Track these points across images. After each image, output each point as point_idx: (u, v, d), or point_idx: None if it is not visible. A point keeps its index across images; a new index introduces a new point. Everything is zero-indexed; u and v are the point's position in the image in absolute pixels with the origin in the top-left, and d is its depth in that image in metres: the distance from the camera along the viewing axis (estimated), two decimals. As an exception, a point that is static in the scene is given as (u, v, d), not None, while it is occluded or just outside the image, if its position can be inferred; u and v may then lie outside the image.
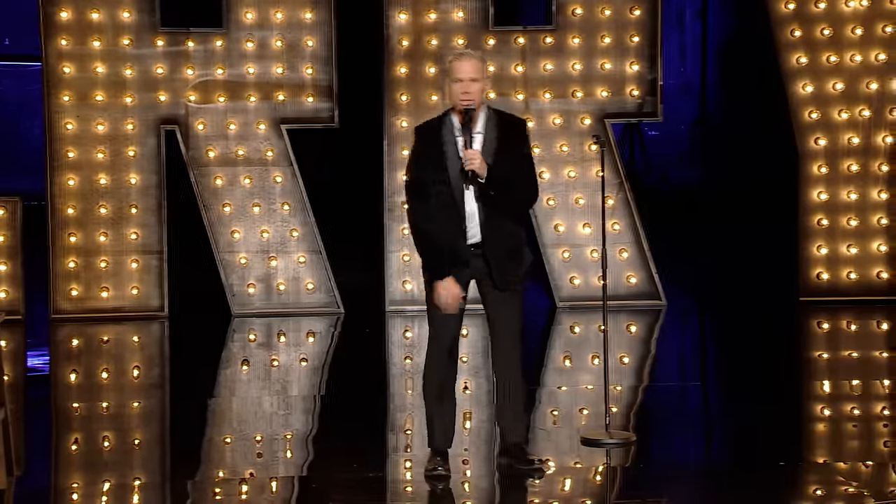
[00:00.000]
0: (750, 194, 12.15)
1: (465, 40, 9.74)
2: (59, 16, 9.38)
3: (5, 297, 9.27)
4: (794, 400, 7.32)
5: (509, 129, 5.71)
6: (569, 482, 5.77)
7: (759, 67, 11.25)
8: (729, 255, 11.56)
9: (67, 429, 6.79)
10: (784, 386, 7.62)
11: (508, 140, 5.67)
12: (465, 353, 8.70)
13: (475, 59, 5.67)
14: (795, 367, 8.17)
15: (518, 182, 5.67)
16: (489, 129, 5.67)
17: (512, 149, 5.67)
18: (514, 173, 5.65)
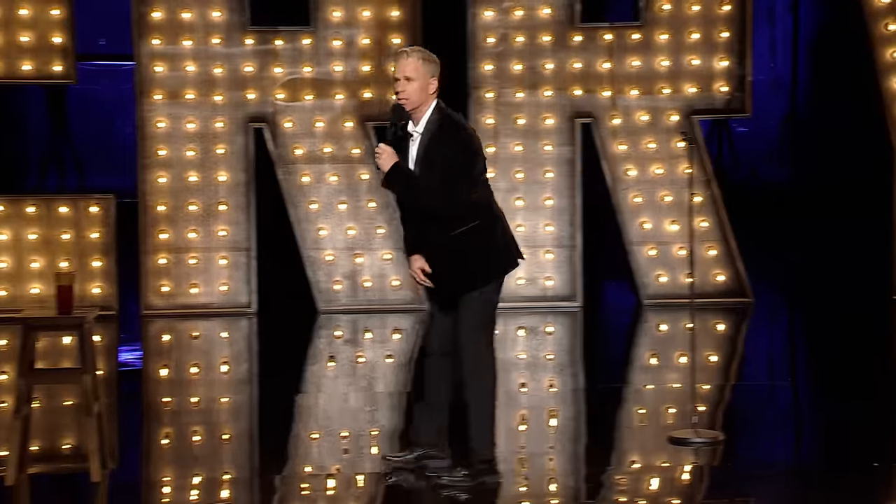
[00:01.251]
0: (841, 191, 11.95)
1: (552, 37, 9.71)
2: (152, 16, 9.53)
3: (99, 292, 9.45)
4: (886, 399, 7.19)
5: (442, 134, 5.52)
6: (655, 481, 5.73)
7: (851, 62, 11.06)
8: (819, 252, 11.39)
9: (158, 423, 6.90)
10: (876, 385, 7.49)
11: (435, 145, 5.51)
12: (551, 350, 8.68)
13: (413, 58, 5.56)
14: (887, 365, 8.02)
15: (425, 189, 5.48)
16: (426, 131, 5.55)
17: (435, 155, 5.49)
18: (425, 179, 5.48)
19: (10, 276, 9.38)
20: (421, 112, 5.58)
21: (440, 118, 5.58)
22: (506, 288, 9.66)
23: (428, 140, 5.54)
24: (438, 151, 5.50)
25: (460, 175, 5.49)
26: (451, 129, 5.56)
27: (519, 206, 9.79)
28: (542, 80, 9.74)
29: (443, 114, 5.60)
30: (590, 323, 9.54)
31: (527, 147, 9.78)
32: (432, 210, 5.53)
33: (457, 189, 5.48)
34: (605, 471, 5.82)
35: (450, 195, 5.47)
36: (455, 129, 5.57)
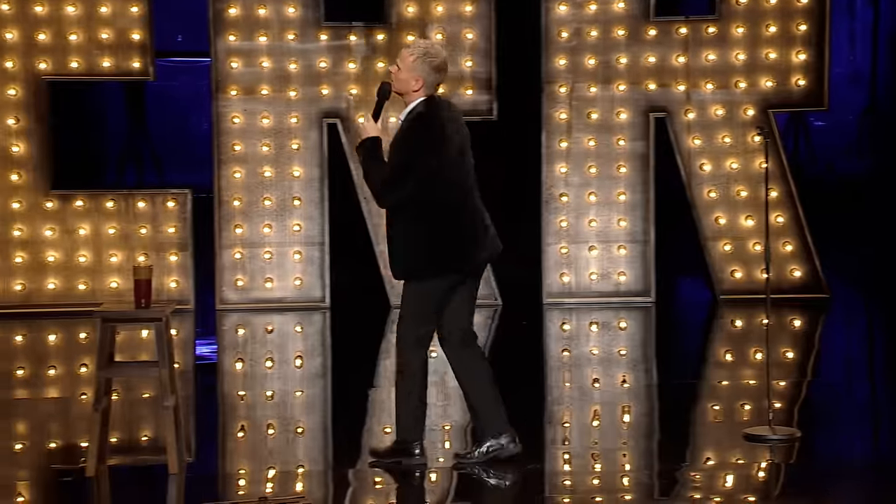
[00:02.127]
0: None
1: (626, 31, 9.66)
2: (228, 12, 9.62)
3: (176, 287, 9.57)
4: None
5: (406, 130, 5.75)
6: (730, 478, 5.69)
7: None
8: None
9: (233, 416, 6.97)
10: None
11: (398, 138, 5.77)
12: (624, 346, 8.63)
13: (413, 53, 5.84)
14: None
15: (376, 171, 5.72)
16: (403, 122, 5.80)
17: (394, 147, 5.75)
18: (384, 164, 5.73)
19: (89, 270, 9.53)
20: (406, 103, 5.83)
21: (416, 115, 5.76)
22: (579, 282, 9.75)
23: (398, 131, 5.79)
24: (396, 145, 5.75)
25: (404, 172, 5.67)
26: (415, 127, 5.73)
27: (592, 202, 9.75)
28: (615, 75, 9.69)
29: (421, 111, 5.76)
30: (663, 319, 9.47)
31: (600, 142, 9.73)
32: (372, 193, 5.81)
33: (398, 184, 5.67)
34: (680, 467, 5.78)
35: (389, 187, 5.69)
36: (418, 128, 5.73)
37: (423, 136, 5.70)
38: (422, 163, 5.67)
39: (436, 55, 5.80)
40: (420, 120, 5.74)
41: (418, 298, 5.80)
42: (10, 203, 9.47)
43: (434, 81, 5.78)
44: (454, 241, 5.78)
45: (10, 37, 9.41)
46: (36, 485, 5.74)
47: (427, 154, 5.68)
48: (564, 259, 9.71)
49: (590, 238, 9.74)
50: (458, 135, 5.81)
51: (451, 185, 5.75)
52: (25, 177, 9.47)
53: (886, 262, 10.94)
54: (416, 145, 5.69)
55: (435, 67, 5.78)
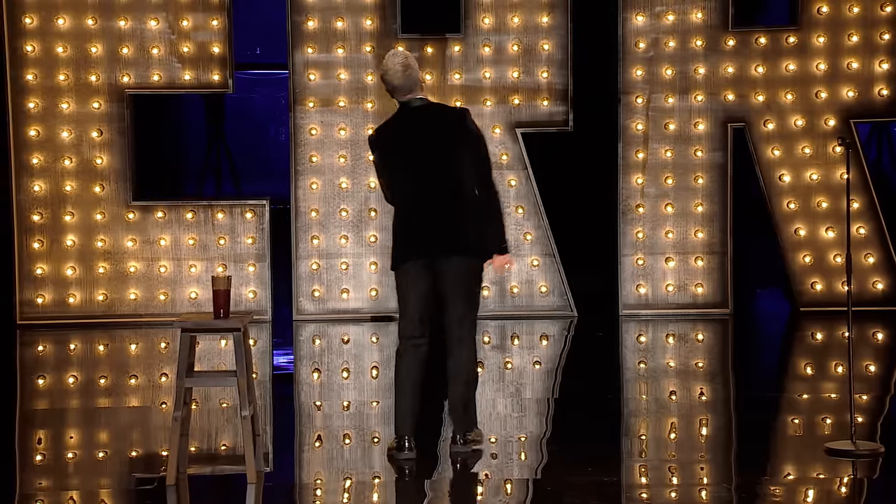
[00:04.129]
0: None
1: (704, 41, 9.59)
2: (306, 25, 9.71)
3: (253, 297, 9.66)
4: None
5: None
6: (811, 493, 5.60)
7: None
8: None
9: (310, 426, 7.01)
10: None
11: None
12: (701, 358, 8.55)
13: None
14: None
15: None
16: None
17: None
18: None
19: (169, 281, 9.66)
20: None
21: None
22: (656, 294, 9.68)
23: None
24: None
25: (378, 177, 6.34)
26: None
27: (669, 213, 9.68)
28: (693, 85, 9.62)
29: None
30: (741, 331, 9.37)
31: (677, 152, 9.66)
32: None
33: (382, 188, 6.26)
34: (759, 481, 5.71)
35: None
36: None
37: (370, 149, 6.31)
38: (377, 171, 6.28)
39: (383, 66, 6.10)
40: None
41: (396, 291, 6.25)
42: (94, 214, 9.63)
43: (389, 91, 6.11)
44: (397, 238, 6.12)
45: (95, 51, 9.58)
46: (117, 493, 5.82)
47: (376, 165, 6.26)
48: (641, 270, 9.65)
49: (666, 249, 9.67)
50: (412, 139, 6.06)
51: (400, 187, 6.09)
52: (108, 188, 9.63)
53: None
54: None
55: (382, 79, 6.12)
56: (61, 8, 9.54)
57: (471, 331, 6.14)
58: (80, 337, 9.25)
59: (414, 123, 6.07)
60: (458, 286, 6.05)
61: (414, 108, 6.09)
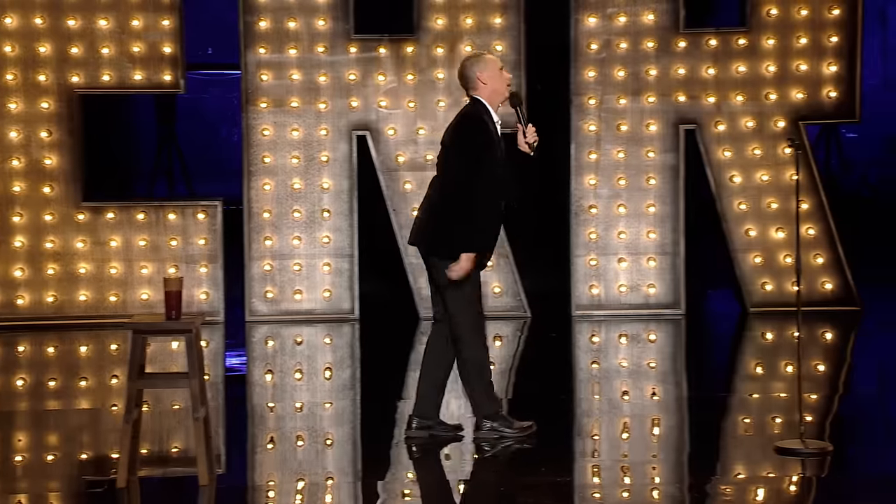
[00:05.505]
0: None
1: (656, 43, 9.65)
2: (258, 25, 9.67)
3: (205, 298, 9.60)
4: None
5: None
6: (761, 492, 5.65)
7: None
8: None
9: (263, 428, 6.98)
10: None
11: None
12: (654, 358, 8.60)
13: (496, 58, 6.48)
14: None
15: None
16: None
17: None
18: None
19: (120, 282, 9.59)
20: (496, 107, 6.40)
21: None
22: (609, 294, 9.72)
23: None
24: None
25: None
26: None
27: (621, 213, 9.73)
28: (645, 87, 9.67)
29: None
30: (693, 331, 9.44)
31: (629, 153, 9.71)
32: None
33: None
34: (710, 480, 5.75)
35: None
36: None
37: None
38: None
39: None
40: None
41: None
42: (43, 215, 9.54)
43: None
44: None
45: (44, 50, 9.49)
46: (66, 496, 5.77)
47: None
48: (593, 271, 9.69)
49: (619, 250, 9.72)
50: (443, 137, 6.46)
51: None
52: (57, 189, 9.54)
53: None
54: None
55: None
56: (8, 7, 9.44)
57: (456, 331, 6.29)
58: (29, 339, 9.15)
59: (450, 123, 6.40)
60: (439, 284, 6.32)
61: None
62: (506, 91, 6.35)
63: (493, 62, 6.35)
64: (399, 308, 9.85)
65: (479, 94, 6.31)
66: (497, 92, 6.32)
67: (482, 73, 6.28)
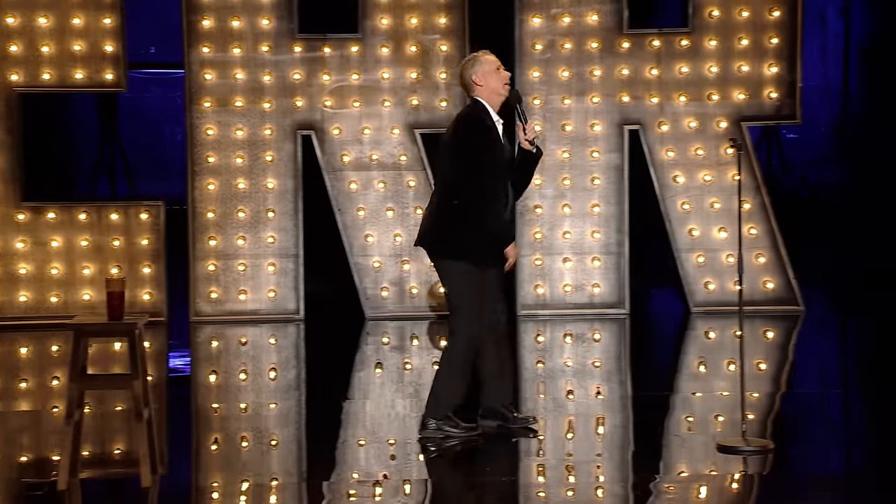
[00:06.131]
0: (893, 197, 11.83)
1: (600, 44, 9.70)
2: (202, 24, 9.60)
3: (149, 299, 9.53)
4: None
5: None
6: (704, 490, 5.70)
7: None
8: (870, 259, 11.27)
9: (207, 429, 6.94)
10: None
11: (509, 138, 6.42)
12: (598, 357, 8.65)
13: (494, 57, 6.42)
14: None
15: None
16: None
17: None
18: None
19: (61, 283, 9.49)
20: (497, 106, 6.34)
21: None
22: (554, 294, 9.76)
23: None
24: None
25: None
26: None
27: (566, 213, 9.77)
28: (589, 87, 9.72)
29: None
30: (637, 330, 9.50)
31: (574, 154, 9.76)
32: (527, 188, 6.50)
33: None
34: (653, 479, 5.79)
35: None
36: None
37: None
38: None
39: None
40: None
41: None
42: (-18, 215, 9.42)
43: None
44: None
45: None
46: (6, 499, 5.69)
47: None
48: (538, 271, 9.72)
49: (564, 250, 9.76)
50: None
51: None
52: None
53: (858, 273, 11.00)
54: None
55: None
56: (-52, 4, 9.32)
57: (451, 333, 6.31)
58: (-32, 341, 9.04)
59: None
60: (443, 284, 6.40)
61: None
62: (504, 90, 6.28)
63: (489, 62, 6.30)
64: (344, 308, 9.83)
65: (477, 96, 6.29)
66: (495, 92, 6.27)
67: (476, 75, 6.26)
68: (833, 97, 13.47)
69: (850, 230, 11.86)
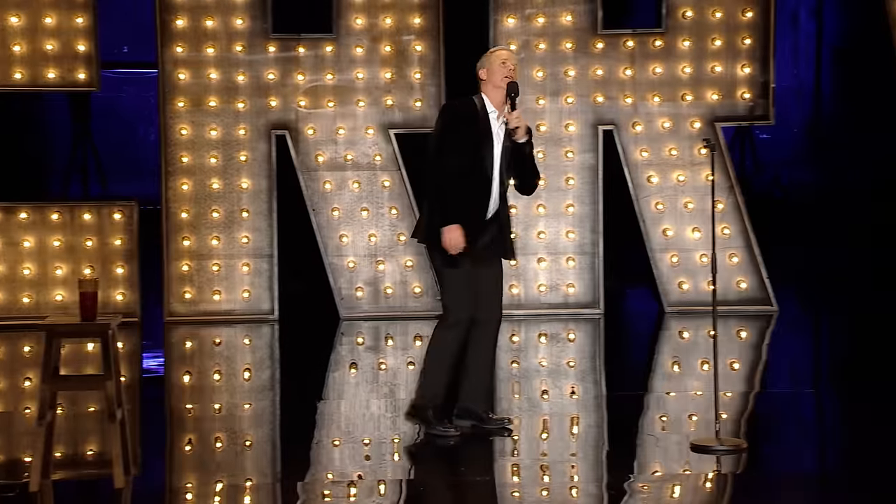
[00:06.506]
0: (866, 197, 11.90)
1: (574, 44, 9.72)
2: (175, 24, 9.57)
3: (122, 299, 9.49)
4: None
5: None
6: (678, 489, 5.72)
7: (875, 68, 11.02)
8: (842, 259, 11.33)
9: (181, 429, 6.92)
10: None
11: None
12: (573, 357, 8.67)
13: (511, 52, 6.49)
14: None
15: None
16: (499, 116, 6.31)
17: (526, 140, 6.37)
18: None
19: (34, 283, 9.43)
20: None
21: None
22: (528, 294, 9.78)
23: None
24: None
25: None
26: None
27: (541, 213, 9.78)
28: (564, 88, 9.74)
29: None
30: (612, 330, 9.52)
31: (549, 154, 9.77)
32: (535, 183, 6.46)
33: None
34: (628, 478, 5.81)
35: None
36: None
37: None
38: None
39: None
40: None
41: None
42: (-47, 215, 9.36)
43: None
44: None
45: (-46, 47, 9.31)
46: (-22, 501, 5.66)
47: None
48: (513, 271, 9.73)
49: (538, 250, 9.77)
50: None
51: None
52: (-31, 188, 9.36)
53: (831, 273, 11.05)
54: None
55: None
56: (-81, 2, 9.25)
57: (440, 316, 6.37)
58: (-60, 342, 8.98)
59: None
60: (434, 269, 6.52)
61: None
62: (502, 83, 6.26)
63: (495, 56, 6.31)
64: (319, 308, 9.81)
65: (482, 89, 6.32)
66: (494, 86, 6.28)
67: (482, 70, 6.32)
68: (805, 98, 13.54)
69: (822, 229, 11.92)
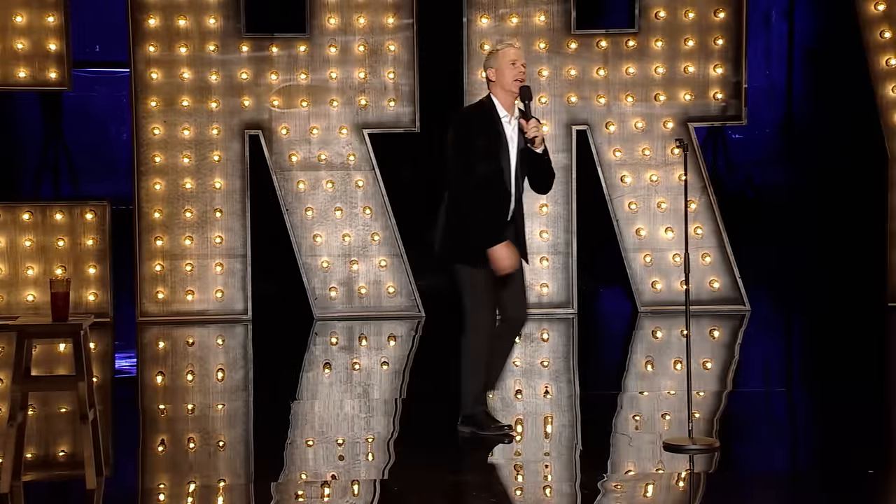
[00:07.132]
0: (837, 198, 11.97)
1: (547, 44, 9.73)
2: (148, 23, 9.53)
3: (94, 299, 9.44)
4: (881, 405, 7.19)
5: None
6: (651, 488, 5.73)
7: (847, 69, 11.09)
8: (815, 260, 11.39)
9: (154, 430, 6.89)
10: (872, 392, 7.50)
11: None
12: (546, 357, 8.68)
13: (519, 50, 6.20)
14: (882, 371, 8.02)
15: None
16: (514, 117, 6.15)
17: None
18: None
19: (5, 283, 9.38)
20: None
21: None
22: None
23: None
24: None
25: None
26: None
27: (514, 213, 9.78)
28: (538, 88, 9.75)
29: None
30: (585, 330, 9.54)
31: (522, 154, 9.77)
32: (550, 183, 6.35)
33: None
34: (601, 477, 5.82)
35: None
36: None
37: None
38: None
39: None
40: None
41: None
42: (-77, 215, 9.29)
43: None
44: None
45: (-76, 45, 9.24)
46: (-51, 503, 5.62)
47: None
48: (487, 271, 9.72)
49: (512, 250, 9.76)
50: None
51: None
52: (-61, 188, 9.30)
53: (804, 273, 11.11)
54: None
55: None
56: None
57: (462, 333, 6.27)
58: None
59: None
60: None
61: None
62: (513, 86, 6.02)
63: (504, 56, 6.03)
64: (292, 308, 9.80)
65: (491, 91, 6.09)
66: (504, 87, 6.04)
67: (490, 70, 6.08)
68: (777, 98, 13.60)
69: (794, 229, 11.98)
